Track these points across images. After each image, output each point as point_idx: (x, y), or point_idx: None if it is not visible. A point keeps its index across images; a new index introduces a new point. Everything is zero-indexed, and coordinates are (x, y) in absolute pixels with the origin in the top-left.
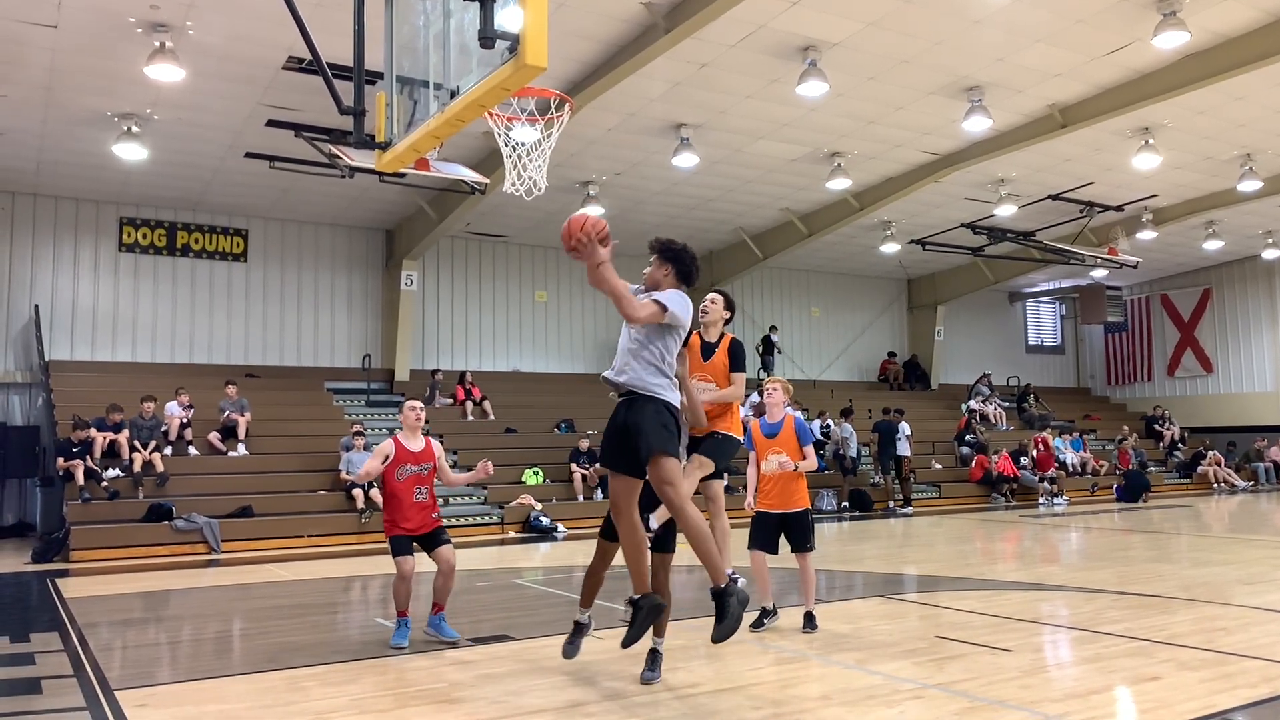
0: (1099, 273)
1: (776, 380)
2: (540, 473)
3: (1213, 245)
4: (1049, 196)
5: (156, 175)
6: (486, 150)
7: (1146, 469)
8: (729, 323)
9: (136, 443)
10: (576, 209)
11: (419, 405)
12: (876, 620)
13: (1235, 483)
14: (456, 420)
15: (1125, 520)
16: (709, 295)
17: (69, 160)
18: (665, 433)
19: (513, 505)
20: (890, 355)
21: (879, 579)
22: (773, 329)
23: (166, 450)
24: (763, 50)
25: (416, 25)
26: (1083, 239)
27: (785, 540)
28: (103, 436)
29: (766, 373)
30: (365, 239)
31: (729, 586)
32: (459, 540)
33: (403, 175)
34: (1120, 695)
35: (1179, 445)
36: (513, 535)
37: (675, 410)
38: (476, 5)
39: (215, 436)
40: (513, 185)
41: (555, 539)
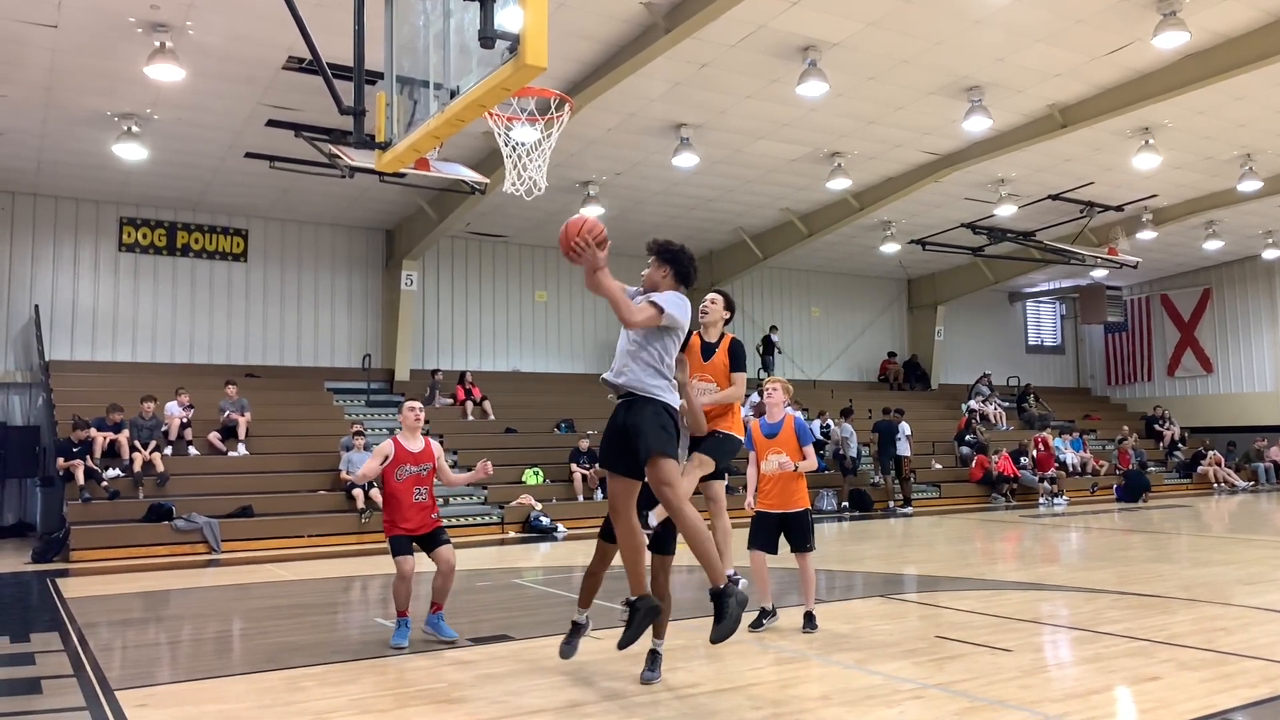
0: (1099, 273)
1: (776, 380)
2: (540, 473)
3: (1213, 245)
4: (1049, 196)
5: (156, 175)
6: (486, 150)
7: (1146, 469)
8: (729, 323)
9: (136, 443)
10: (577, 209)
11: (418, 406)
12: (876, 620)
13: (1235, 483)
14: (456, 420)
15: (1125, 520)
16: (709, 295)
17: (69, 160)
18: (664, 434)
19: (513, 505)
20: (890, 355)
21: (879, 579)
22: (773, 329)
23: (166, 450)
24: (763, 50)
25: (416, 25)
26: (1083, 239)
27: (785, 540)
28: (103, 436)
29: (767, 373)
30: (365, 239)
31: (727, 587)
32: (459, 540)
33: (403, 175)
34: (1120, 695)
35: (1179, 445)
36: (513, 535)
37: (674, 411)
38: (476, 5)
39: (215, 436)
40: (513, 185)
41: (555, 539)
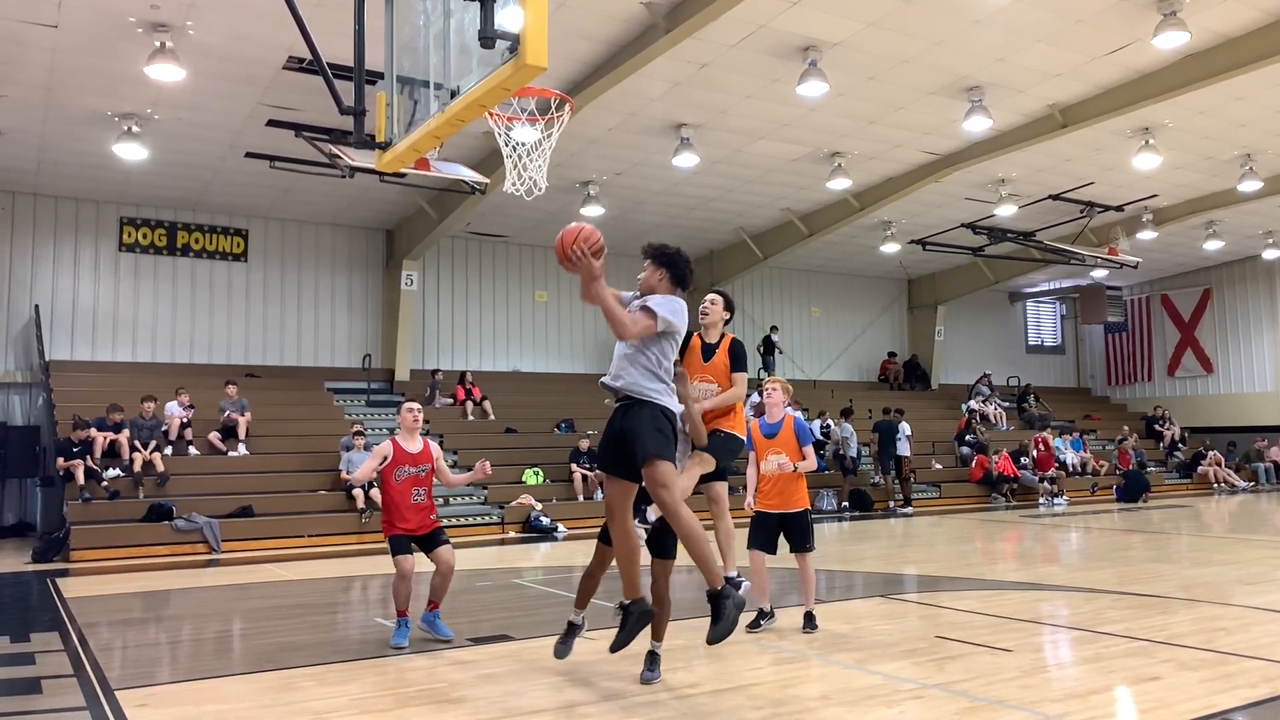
0: (1099, 273)
1: (776, 380)
2: (540, 473)
3: (1213, 245)
4: (1049, 196)
5: (157, 175)
6: (486, 150)
7: (1145, 469)
8: (729, 323)
9: (137, 442)
10: (577, 209)
11: (416, 407)
12: (876, 620)
13: (1235, 483)
14: (456, 420)
15: (1125, 520)
16: (708, 296)
17: (69, 160)
18: (661, 437)
19: (513, 505)
20: (890, 355)
21: (879, 579)
22: (773, 329)
23: (167, 450)
24: (763, 50)
25: (417, 25)
26: (1083, 239)
27: (785, 540)
28: (103, 436)
29: (767, 373)
30: (365, 239)
31: (725, 589)
32: (459, 540)
33: (403, 175)
34: (1120, 695)
35: (1179, 445)
36: (513, 535)
37: (671, 415)
38: (477, 5)
39: (215, 436)
40: (513, 185)
41: (555, 539)
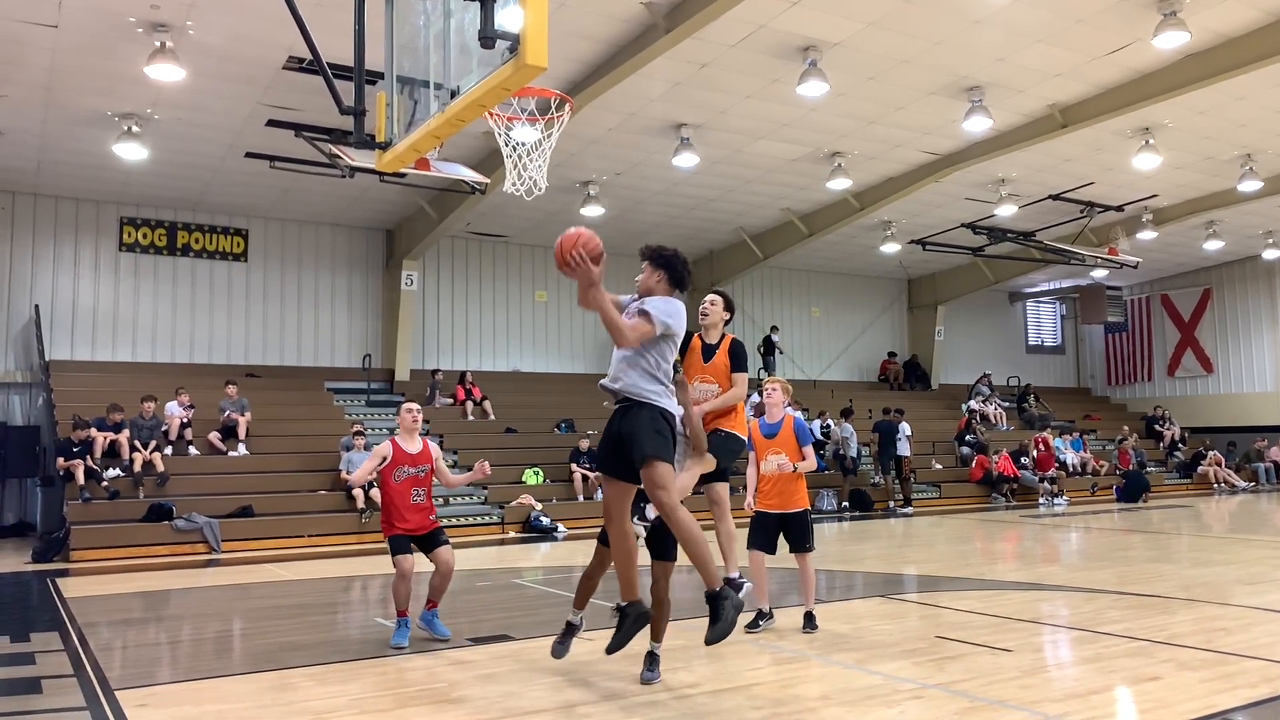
0: (1099, 273)
1: (776, 380)
2: (540, 473)
3: (1213, 245)
4: (1049, 196)
5: (157, 175)
6: (487, 150)
7: (1145, 469)
8: (729, 323)
9: (137, 442)
10: (577, 209)
11: (415, 408)
12: (876, 620)
13: (1235, 483)
14: (457, 420)
15: (1125, 520)
16: (708, 297)
17: (69, 160)
18: (659, 438)
19: (513, 505)
20: (890, 355)
21: (879, 579)
22: (774, 329)
23: (167, 450)
24: (763, 50)
25: (417, 25)
26: (1083, 239)
27: (785, 540)
28: (103, 436)
29: (768, 373)
30: (365, 239)
31: (723, 590)
32: (459, 540)
33: (403, 175)
34: (1120, 695)
35: (1179, 445)
36: (513, 535)
37: (670, 416)
38: (477, 5)
39: (215, 436)
40: (513, 185)
41: (555, 539)
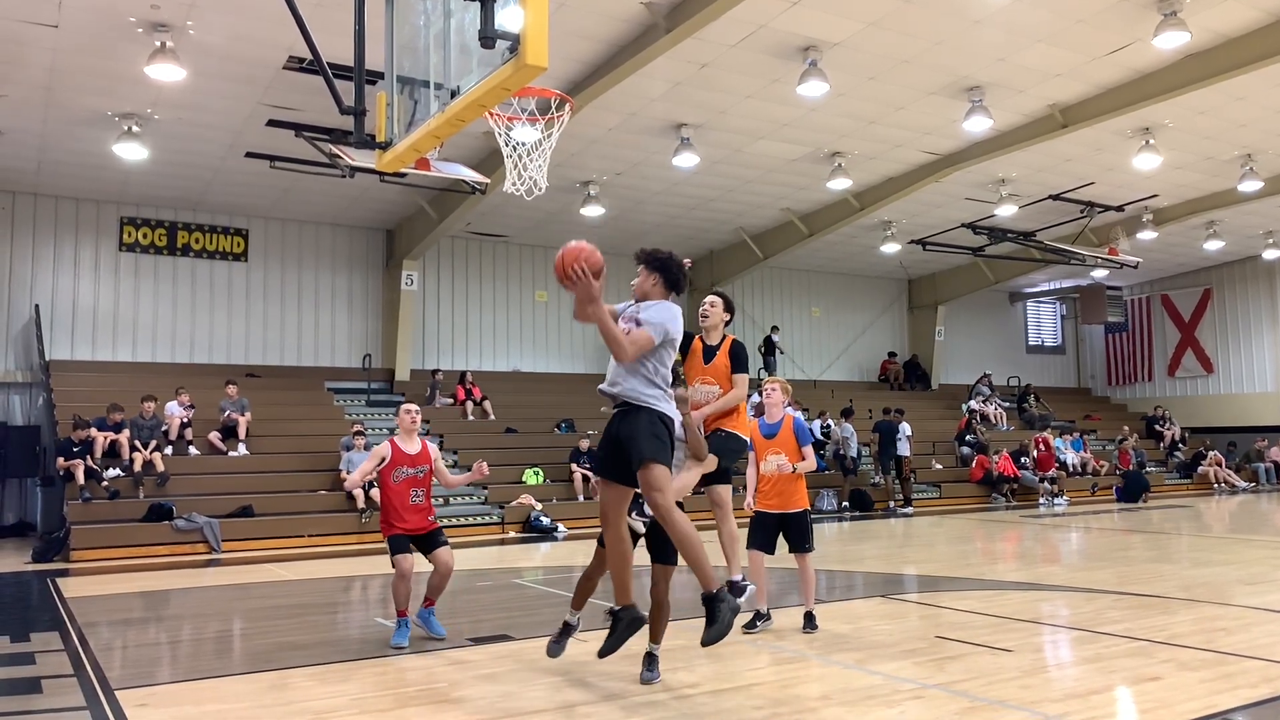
0: (1099, 273)
1: (775, 380)
2: (540, 473)
3: (1213, 245)
4: (1049, 196)
5: (157, 175)
6: (487, 150)
7: (1145, 469)
8: (729, 324)
9: (137, 442)
10: (577, 209)
11: (414, 409)
12: (876, 620)
13: (1236, 483)
14: (457, 420)
15: (1125, 520)
16: (707, 298)
17: (69, 160)
18: (656, 442)
19: (513, 505)
20: (891, 355)
21: (879, 579)
22: (774, 329)
23: (167, 450)
24: (763, 50)
25: (417, 25)
26: (1083, 239)
27: (785, 540)
28: (103, 436)
29: (768, 373)
30: (365, 239)
31: (720, 592)
32: (459, 540)
33: (403, 175)
34: (1120, 695)
35: (1179, 445)
36: (513, 535)
37: (669, 420)
38: (477, 5)
39: (215, 436)
40: (513, 185)
41: (555, 539)
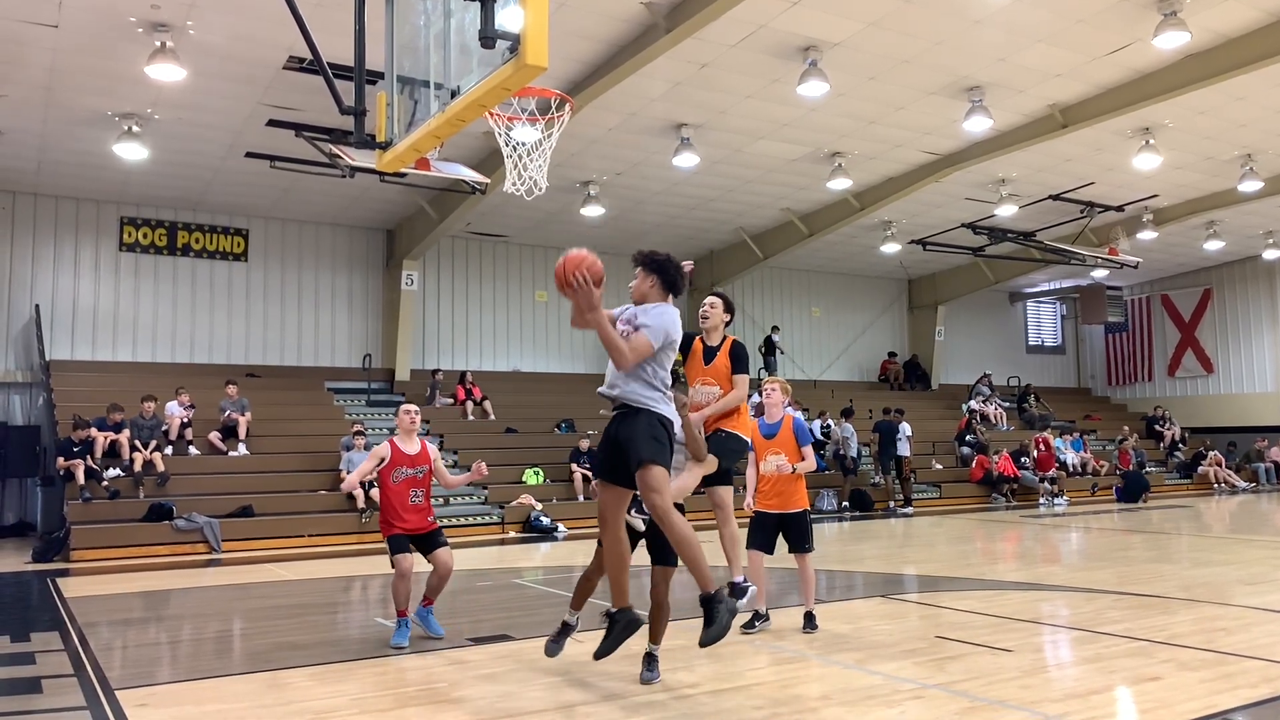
0: (1099, 273)
1: (775, 380)
2: (540, 473)
3: (1213, 245)
4: (1049, 196)
5: (157, 175)
6: (487, 150)
7: (1145, 469)
8: (729, 324)
9: (137, 442)
10: (577, 209)
11: (414, 409)
12: (876, 620)
13: (1236, 483)
14: (457, 420)
15: (1125, 520)
16: (707, 299)
17: (69, 160)
18: (655, 444)
19: (513, 505)
20: (891, 355)
21: (879, 579)
22: (775, 329)
23: (167, 450)
24: (763, 50)
25: (417, 25)
26: (1083, 239)
27: (784, 540)
28: (103, 436)
29: (769, 373)
30: (365, 239)
31: (717, 593)
32: (459, 540)
33: (403, 175)
34: (1120, 695)
35: (1179, 445)
36: (513, 535)
37: (668, 422)
38: (477, 5)
39: (216, 436)
40: (513, 185)
41: (555, 539)
